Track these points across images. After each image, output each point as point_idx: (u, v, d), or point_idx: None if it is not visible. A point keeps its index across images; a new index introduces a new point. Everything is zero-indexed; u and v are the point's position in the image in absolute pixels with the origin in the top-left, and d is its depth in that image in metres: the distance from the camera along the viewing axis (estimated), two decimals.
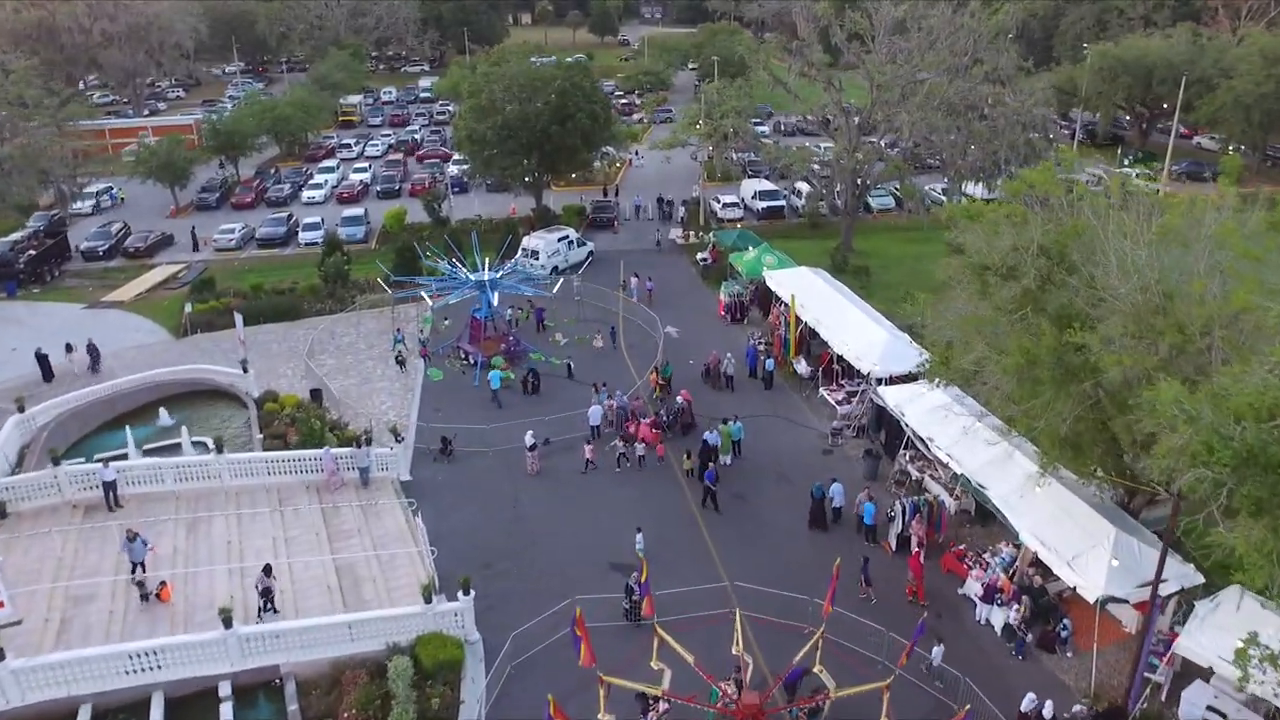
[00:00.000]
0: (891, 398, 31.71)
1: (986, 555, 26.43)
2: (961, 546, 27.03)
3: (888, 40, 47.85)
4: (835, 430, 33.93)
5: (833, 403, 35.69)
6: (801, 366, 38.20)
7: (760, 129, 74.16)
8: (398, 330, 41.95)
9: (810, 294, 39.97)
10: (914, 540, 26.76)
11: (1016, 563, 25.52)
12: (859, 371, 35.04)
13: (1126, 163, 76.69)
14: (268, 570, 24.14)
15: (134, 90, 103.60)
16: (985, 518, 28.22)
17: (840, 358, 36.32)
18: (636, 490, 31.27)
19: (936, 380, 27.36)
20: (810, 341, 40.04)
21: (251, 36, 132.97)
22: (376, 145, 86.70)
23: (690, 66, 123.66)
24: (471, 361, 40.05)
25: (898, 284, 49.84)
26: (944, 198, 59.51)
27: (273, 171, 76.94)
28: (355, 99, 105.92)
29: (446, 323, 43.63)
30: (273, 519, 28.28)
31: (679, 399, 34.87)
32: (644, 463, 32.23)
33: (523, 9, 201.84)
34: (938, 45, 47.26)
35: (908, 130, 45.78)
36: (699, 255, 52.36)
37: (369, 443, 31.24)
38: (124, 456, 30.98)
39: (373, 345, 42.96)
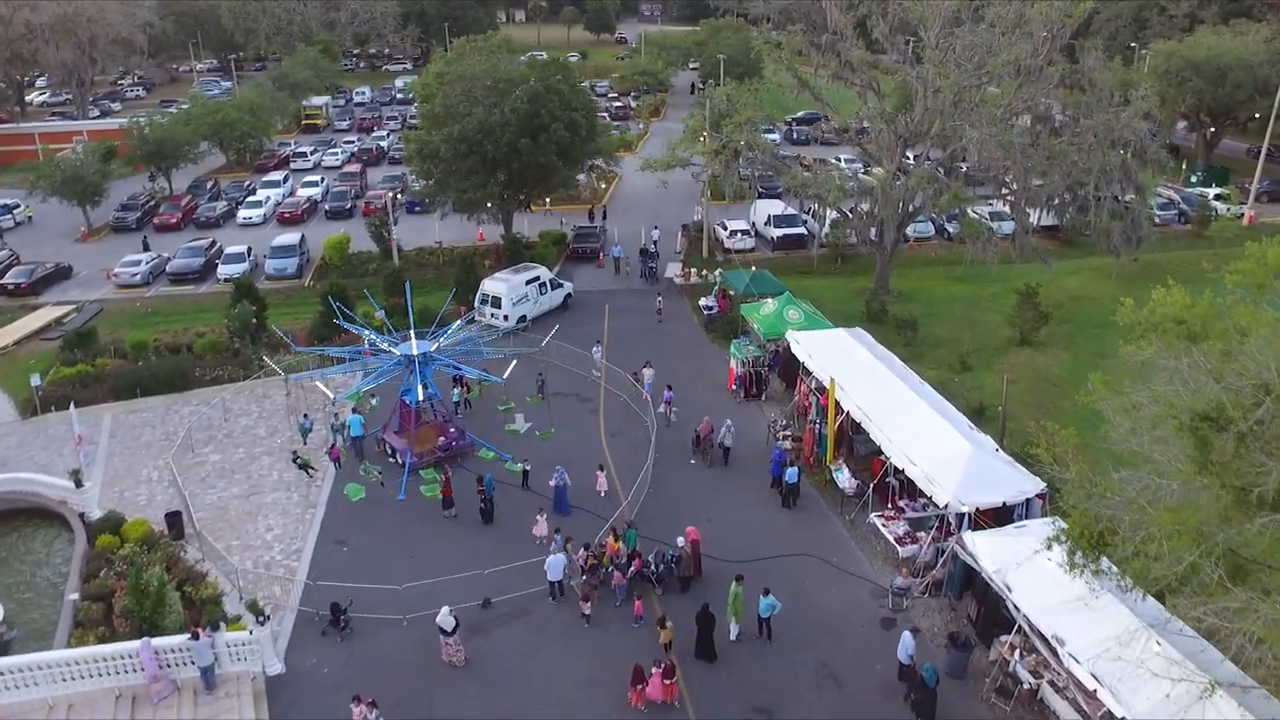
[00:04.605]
0: (990, 558, 21.53)
1: None
2: None
3: (945, 34, 37.63)
4: (900, 590, 23.73)
5: (890, 538, 25.57)
6: (843, 478, 27.96)
7: (770, 137, 63.91)
8: (304, 416, 31.73)
9: (853, 371, 29.78)
10: None
11: None
12: (925, 491, 25.02)
13: (1194, 179, 66.53)
14: None
15: (76, 89, 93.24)
16: None
17: (900, 469, 26.24)
18: (606, 689, 21.08)
19: (1079, 570, 17.17)
20: (853, 437, 29.91)
21: (218, 32, 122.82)
22: (336, 154, 76.32)
23: (691, 66, 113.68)
24: (399, 461, 29.84)
25: (951, 340, 39.95)
26: (993, 225, 49.34)
27: (209, 185, 66.52)
28: (321, 100, 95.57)
29: (375, 402, 33.28)
30: None
31: (681, 539, 24.63)
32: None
33: (515, 5, 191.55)
34: (1009, 38, 37.09)
35: (975, 148, 35.54)
36: (702, 301, 42.05)
37: (215, 627, 21.09)
38: None
39: (275, 431, 32.74)
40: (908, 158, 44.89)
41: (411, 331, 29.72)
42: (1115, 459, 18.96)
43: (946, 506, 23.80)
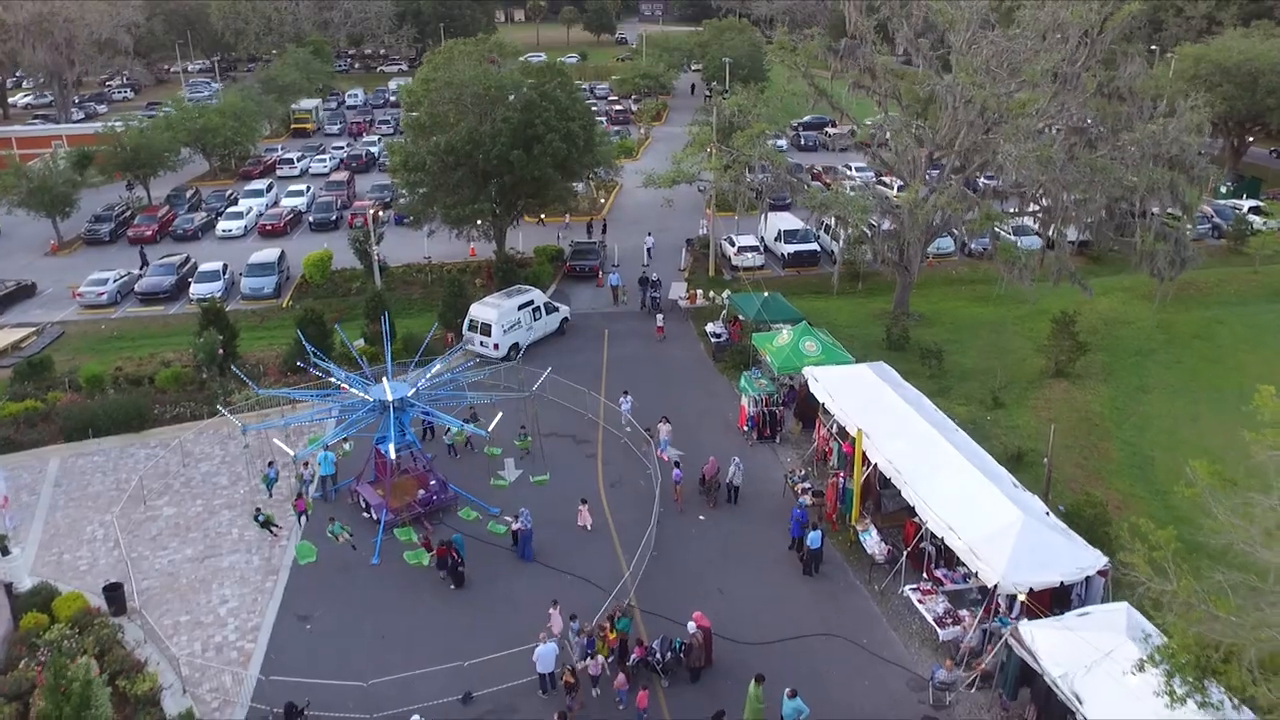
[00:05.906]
0: (1052, 658, 18.35)
1: None
2: None
3: (975, 38, 34.44)
4: (943, 685, 20.56)
5: (928, 618, 22.41)
6: (871, 541, 24.82)
7: (778, 144, 60.69)
8: (269, 465, 28.57)
9: (880, 416, 26.64)
10: None
11: None
12: (970, 567, 21.89)
13: (1223, 190, 63.35)
14: None
15: (58, 91, 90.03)
16: None
17: (936, 535, 23.10)
18: None
19: (1181, 701, 14.07)
20: (880, 491, 26.77)
21: (208, 33, 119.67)
22: (324, 160, 72.95)
23: (694, 68, 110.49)
24: (373, 517, 26.69)
25: (979, 371, 36.81)
26: (1018, 240, 46.20)
27: (189, 194, 63.24)
28: (311, 103, 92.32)
29: (348, 448, 30.09)
30: None
31: (691, 625, 21.45)
32: None
33: (514, 4, 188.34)
34: (1043, 42, 33.98)
35: (1013, 165, 32.36)
36: (710, 328, 38.83)
37: None
38: None
39: (239, 479, 29.55)
40: (931, 173, 41.81)
41: (387, 374, 26.52)
42: (1210, 555, 15.92)
43: (996, 587, 20.69)
